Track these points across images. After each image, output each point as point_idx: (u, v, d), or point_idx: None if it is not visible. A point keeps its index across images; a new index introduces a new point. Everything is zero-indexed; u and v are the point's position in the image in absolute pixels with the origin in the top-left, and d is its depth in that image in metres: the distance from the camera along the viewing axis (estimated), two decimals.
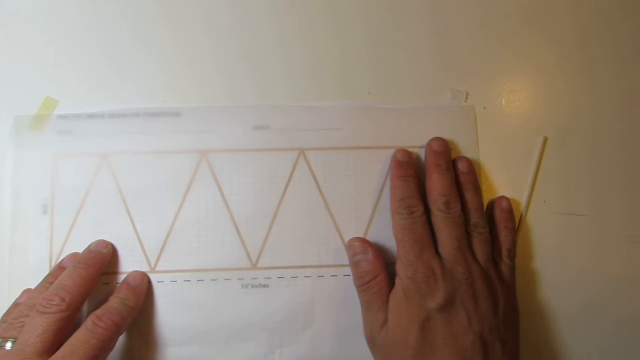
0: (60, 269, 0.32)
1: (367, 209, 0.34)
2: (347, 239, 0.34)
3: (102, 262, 0.32)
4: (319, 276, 0.34)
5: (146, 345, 0.33)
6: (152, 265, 0.33)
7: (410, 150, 0.35)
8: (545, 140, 0.36)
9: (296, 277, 0.34)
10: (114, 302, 0.30)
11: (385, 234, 0.34)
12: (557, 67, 0.37)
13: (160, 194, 0.34)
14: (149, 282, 0.33)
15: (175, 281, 0.33)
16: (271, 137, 0.35)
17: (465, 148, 0.35)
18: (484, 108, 0.36)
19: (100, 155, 0.34)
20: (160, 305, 0.33)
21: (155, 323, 0.33)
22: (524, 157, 0.36)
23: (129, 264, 0.33)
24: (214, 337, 0.33)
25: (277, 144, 0.35)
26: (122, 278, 0.33)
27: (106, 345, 0.28)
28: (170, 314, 0.33)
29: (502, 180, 0.35)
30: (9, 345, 0.27)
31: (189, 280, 0.33)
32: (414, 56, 0.37)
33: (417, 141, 0.35)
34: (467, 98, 0.36)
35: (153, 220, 0.34)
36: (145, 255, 0.34)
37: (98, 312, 0.29)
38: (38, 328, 0.27)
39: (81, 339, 0.27)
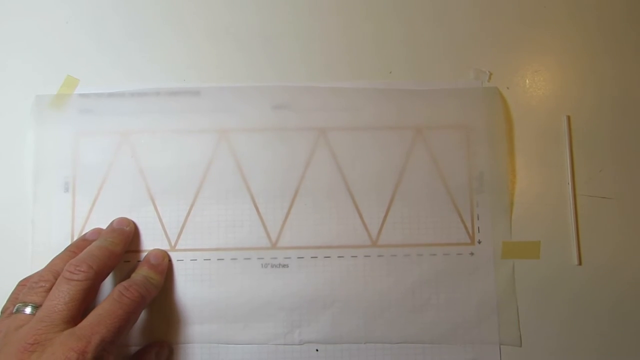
0: (83, 240, 0.32)
1: (388, 189, 0.34)
2: (367, 219, 0.34)
3: (127, 240, 0.32)
4: (339, 256, 0.34)
5: (166, 322, 0.33)
6: (172, 244, 0.34)
7: (431, 130, 0.34)
8: (569, 119, 0.35)
9: (315, 257, 0.34)
10: (138, 276, 0.31)
11: (405, 214, 0.34)
12: (581, 46, 0.36)
13: (180, 173, 0.34)
14: (169, 260, 0.33)
15: (195, 260, 0.33)
16: (290, 116, 0.35)
17: (489, 129, 0.35)
18: (507, 88, 0.36)
19: (120, 134, 0.34)
20: (180, 283, 0.33)
21: (175, 301, 0.33)
22: (549, 138, 0.35)
23: (150, 242, 0.34)
24: (233, 316, 0.33)
25: (296, 123, 0.35)
26: (143, 256, 0.33)
27: (131, 316, 0.28)
28: (189, 292, 0.33)
29: (528, 161, 0.35)
30: (28, 310, 0.27)
31: (209, 259, 0.33)
32: (435, 35, 0.36)
33: (439, 122, 0.35)
34: (490, 78, 0.36)
35: (173, 198, 0.34)
36: (166, 233, 0.34)
37: (124, 283, 0.29)
38: (65, 295, 0.27)
39: (107, 309, 0.27)
